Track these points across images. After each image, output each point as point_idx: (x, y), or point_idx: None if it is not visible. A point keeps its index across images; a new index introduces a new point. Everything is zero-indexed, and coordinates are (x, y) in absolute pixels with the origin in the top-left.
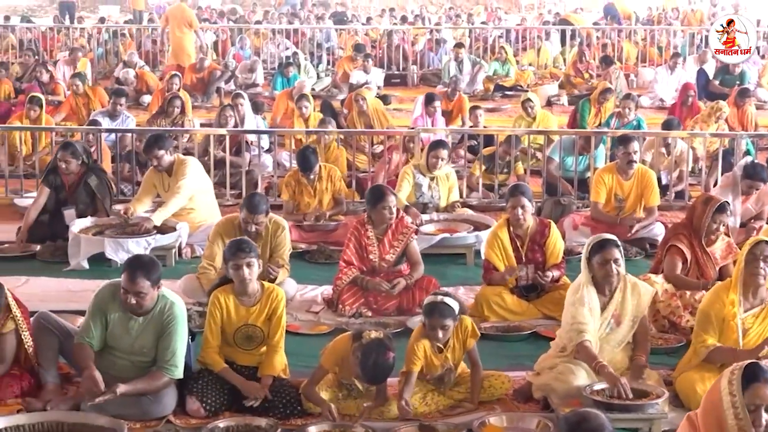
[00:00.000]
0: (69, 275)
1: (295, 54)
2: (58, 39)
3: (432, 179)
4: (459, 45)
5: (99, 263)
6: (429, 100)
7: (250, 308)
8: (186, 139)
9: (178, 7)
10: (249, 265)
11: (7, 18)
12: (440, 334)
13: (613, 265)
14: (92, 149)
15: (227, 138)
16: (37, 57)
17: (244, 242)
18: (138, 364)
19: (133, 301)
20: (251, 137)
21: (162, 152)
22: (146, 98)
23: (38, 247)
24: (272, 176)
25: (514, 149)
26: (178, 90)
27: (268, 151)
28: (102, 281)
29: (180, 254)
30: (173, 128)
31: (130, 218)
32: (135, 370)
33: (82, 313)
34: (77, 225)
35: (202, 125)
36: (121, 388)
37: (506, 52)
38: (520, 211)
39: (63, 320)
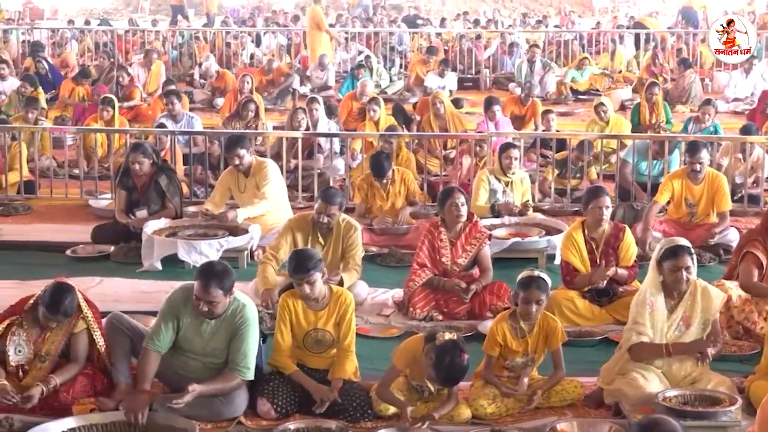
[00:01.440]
0: (142, 276)
1: (367, 57)
2: (133, 42)
3: (507, 183)
4: (535, 46)
5: (172, 264)
6: (488, 104)
7: (318, 312)
8: (258, 141)
9: (311, 9)
10: (309, 283)
11: (87, 22)
12: (533, 308)
13: (684, 273)
14: (164, 152)
15: (299, 141)
16: (112, 60)
17: (303, 260)
18: (210, 366)
19: (205, 309)
20: (323, 140)
21: (244, 152)
22: (219, 101)
23: (112, 248)
24: (344, 179)
25: (587, 154)
26: (250, 91)
27: (340, 154)
28: (175, 282)
29: (252, 256)
30: (246, 131)
31: (211, 214)
32: (207, 372)
33: (154, 314)
34: (150, 226)
35: (274, 128)
36: (196, 389)
37: (589, 62)
38: (604, 210)
39: (135, 321)
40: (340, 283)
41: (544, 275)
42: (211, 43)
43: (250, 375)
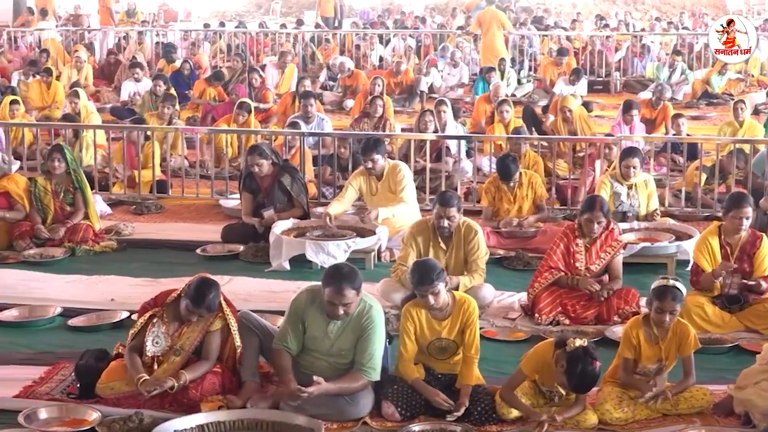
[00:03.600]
0: (271, 276)
1: (501, 59)
2: (264, 44)
3: (630, 187)
4: (677, 53)
5: (300, 265)
6: (627, 108)
7: (442, 322)
8: (386, 143)
9: (488, 9)
10: (433, 294)
11: (222, 24)
12: (667, 318)
13: None
14: (293, 152)
15: (428, 143)
16: (244, 62)
17: (426, 271)
18: (336, 366)
19: (341, 312)
20: (452, 143)
21: (379, 156)
22: (349, 103)
23: (241, 248)
24: (471, 182)
25: (746, 162)
26: (381, 93)
27: (468, 156)
28: (302, 282)
29: (379, 258)
30: (375, 133)
31: (331, 223)
32: (333, 371)
33: (282, 313)
34: (279, 226)
35: (402, 130)
36: (322, 386)
37: (731, 66)
38: (744, 221)
39: (264, 320)
40: (456, 288)
41: (678, 284)
42: (340, 44)
43: (376, 376)
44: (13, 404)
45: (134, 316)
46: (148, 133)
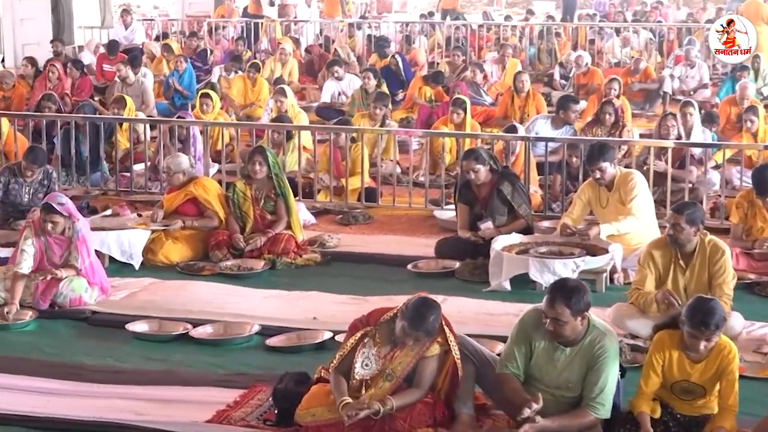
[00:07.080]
0: (489, 296)
1: (755, 57)
2: (487, 38)
3: None
4: None
5: (522, 285)
6: None
7: (695, 364)
8: (623, 150)
9: (753, 2)
10: (707, 340)
11: (430, 14)
12: None
13: None
14: (514, 158)
15: (669, 151)
16: (464, 57)
17: (708, 314)
18: (561, 399)
19: (551, 328)
20: (697, 150)
21: (606, 164)
22: (581, 104)
23: (457, 264)
24: (719, 195)
25: None
26: (617, 96)
27: (717, 167)
28: (525, 305)
29: (612, 279)
30: (608, 138)
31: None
32: (557, 405)
33: (501, 339)
34: (500, 242)
35: (641, 136)
36: (542, 422)
37: None
38: None
39: (481, 346)
40: None
41: None
42: (573, 39)
43: (605, 413)
44: (206, 430)
45: (338, 337)
46: (355, 135)
